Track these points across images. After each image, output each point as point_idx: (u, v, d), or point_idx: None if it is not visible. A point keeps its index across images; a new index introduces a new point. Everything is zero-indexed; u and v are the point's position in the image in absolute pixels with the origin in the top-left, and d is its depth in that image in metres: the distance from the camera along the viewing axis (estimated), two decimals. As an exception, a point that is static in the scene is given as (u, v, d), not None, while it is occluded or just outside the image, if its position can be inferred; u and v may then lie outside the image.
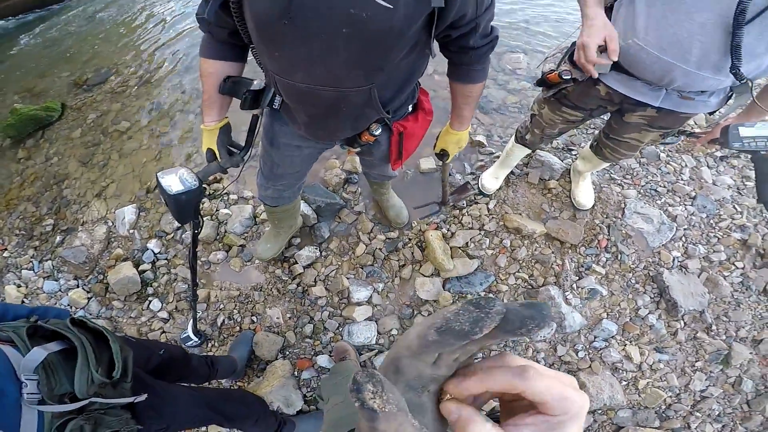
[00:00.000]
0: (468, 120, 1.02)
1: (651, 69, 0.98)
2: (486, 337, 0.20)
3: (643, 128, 1.18)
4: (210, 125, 0.94)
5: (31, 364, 0.66)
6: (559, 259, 1.69)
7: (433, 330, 0.20)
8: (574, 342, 1.57)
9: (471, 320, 0.19)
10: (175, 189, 0.88)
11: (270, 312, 1.58)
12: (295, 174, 1.18)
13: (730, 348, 1.56)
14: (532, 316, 0.19)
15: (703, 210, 1.86)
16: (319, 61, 0.73)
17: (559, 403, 0.21)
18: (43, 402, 0.66)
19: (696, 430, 1.48)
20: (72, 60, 2.81)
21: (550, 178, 1.87)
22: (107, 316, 1.65)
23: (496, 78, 2.35)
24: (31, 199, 1.99)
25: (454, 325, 0.19)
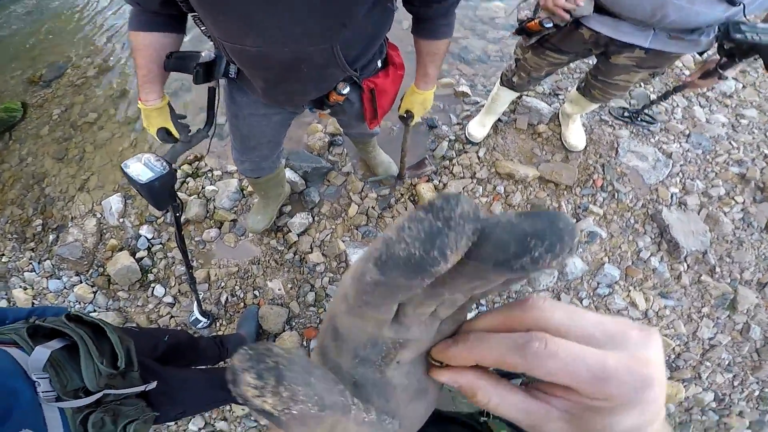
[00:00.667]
0: (433, 79, 0.98)
1: (642, 6, 0.92)
2: (460, 275, 0.13)
3: (632, 69, 1.14)
4: (154, 104, 0.87)
5: (38, 363, 0.67)
6: (555, 202, 1.68)
7: (371, 264, 0.12)
8: (578, 290, 1.56)
9: (422, 238, 0.11)
10: (146, 177, 0.83)
11: (271, 284, 1.59)
12: (269, 144, 1.12)
13: (736, 292, 1.54)
14: (538, 233, 0.11)
15: (698, 147, 1.82)
16: (270, 21, 0.66)
17: (593, 388, 0.14)
18: (59, 399, 0.68)
19: (707, 380, 1.47)
20: (21, 58, 2.65)
21: (539, 123, 1.82)
22: (115, 308, 1.67)
23: (474, 28, 2.26)
24: (15, 202, 1.95)
25: (397, 251, 0.11)
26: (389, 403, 0.18)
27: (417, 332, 0.16)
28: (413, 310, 0.15)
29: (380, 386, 0.17)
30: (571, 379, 0.14)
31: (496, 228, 0.12)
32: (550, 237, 0.11)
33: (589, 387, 0.14)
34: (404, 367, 0.17)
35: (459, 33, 2.22)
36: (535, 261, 0.12)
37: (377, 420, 0.17)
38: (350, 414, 0.14)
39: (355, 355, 0.16)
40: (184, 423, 1.54)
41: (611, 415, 0.15)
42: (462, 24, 2.26)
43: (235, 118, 1.02)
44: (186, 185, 1.74)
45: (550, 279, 1.55)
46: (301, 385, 0.12)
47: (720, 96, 2.03)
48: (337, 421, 0.14)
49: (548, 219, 0.12)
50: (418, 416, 0.20)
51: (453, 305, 0.16)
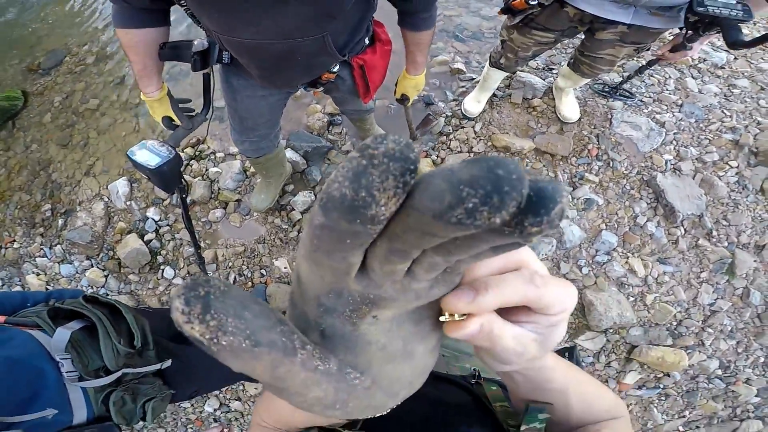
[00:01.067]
0: (422, 65, 1.05)
1: None
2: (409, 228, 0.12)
3: (617, 44, 1.18)
4: (155, 95, 0.91)
5: (60, 344, 0.70)
6: (552, 172, 1.71)
7: (317, 206, 0.12)
8: (577, 258, 1.59)
9: (350, 177, 0.11)
10: (154, 162, 0.86)
11: (277, 263, 1.65)
12: (266, 123, 1.16)
13: (734, 256, 1.56)
14: (472, 181, 0.10)
15: (691, 116, 1.84)
16: (265, 15, 0.69)
17: (560, 305, 0.19)
18: (82, 379, 0.70)
19: (710, 347, 1.49)
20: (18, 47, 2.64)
21: (533, 97, 1.84)
22: (127, 291, 1.73)
23: (468, 5, 2.25)
24: (22, 188, 2.00)
25: (333, 191, 0.11)
26: (359, 358, 0.17)
27: (391, 291, 0.15)
28: (380, 266, 0.14)
29: (350, 339, 0.17)
30: (553, 299, 0.19)
31: (436, 175, 0.11)
32: (484, 185, 0.10)
33: (558, 303, 0.19)
34: (383, 324, 0.17)
35: (453, 11, 2.22)
36: (470, 214, 0.10)
37: (337, 371, 0.16)
38: (296, 357, 0.14)
39: (319, 304, 0.16)
40: (199, 405, 1.61)
41: (560, 326, 0.21)
42: (456, 2, 2.25)
43: (233, 101, 1.05)
44: (190, 167, 1.78)
45: (549, 248, 1.60)
46: (231, 317, 0.12)
47: (712, 68, 2.04)
48: (278, 360, 0.13)
49: (486, 165, 0.10)
50: (400, 379, 0.19)
51: (433, 268, 0.15)
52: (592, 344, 1.56)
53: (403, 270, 0.14)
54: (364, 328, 0.17)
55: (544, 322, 0.20)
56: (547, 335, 0.21)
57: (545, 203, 0.11)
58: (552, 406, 0.30)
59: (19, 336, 0.69)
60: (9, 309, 0.78)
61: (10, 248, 1.90)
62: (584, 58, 1.35)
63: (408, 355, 0.19)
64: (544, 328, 0.20)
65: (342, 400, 0.17)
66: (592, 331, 1.56)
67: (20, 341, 0.68)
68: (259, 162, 1.37)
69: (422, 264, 0.14)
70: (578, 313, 1.60)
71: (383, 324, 0.17)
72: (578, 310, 1.60)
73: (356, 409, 0.18)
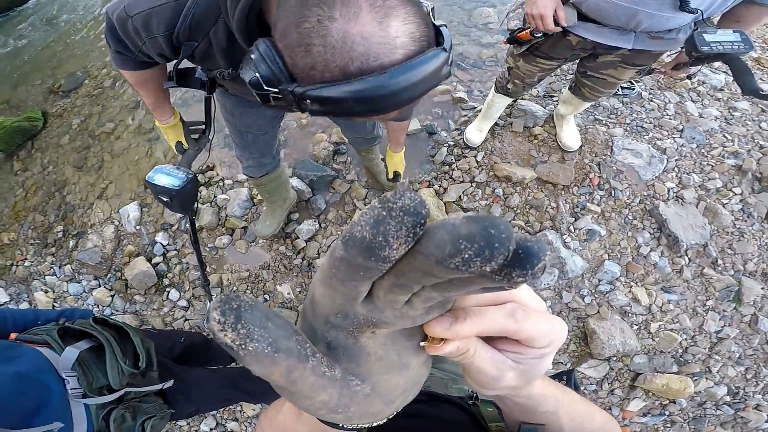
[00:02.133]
0: (403, 143, 1.24)
1: (616, 15, 1.00)
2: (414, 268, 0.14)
3: (619, 65, 1.21)
4: (169, 122, 0.96)
5: (68, 363, 0.73)
6: (554, 202, 1.72)
7: (340, 242, 0.15)
8: (579, 287, 1.58)
9: (371, 223, 0.13)
10: (178, 184, 0.89)
11: (280, 288, 1.67)
12: (265, 136, 1.19)
13: (740, 284, 1.54)
14: (469, 236, 0.12)
15: (692, 141, 1.85)
16: None
17: (546, 338, 0.20)
18: (86, 396, 0.73)
19: (718, 374, 1.47)
20: (41, 68, 2.76)
21: (534, 125, 1.87)
22: (132, 311, 1.76)
23: (469, 34, 2.31)
24: (37, 209, 2.06)
25: (355, 232, 0.14)
26: (360, 367, 0.19)
27: (390, 317, 0.17)
28: (384, 296, 0.16)
29: (352, 350, 0.19)
30: (536, 333, 0.20)
31: (441, 227, 0.13)
32: (479, 241, 0.12)
33: (543, 337, 0.20)
34: (379, 338, 0.19)
35: (455, 40, 2.28)
36: (466, 263, 0.12)
37: (342, 378, 0.18)
38: (307, 363, 0.16)
39: (327, 321, 0.18)
40: (195, 423, 1.61)
41: (545, 358, 0.21)
42: (457, 31, 2.31)
43: (231, 117, 1.10)
44: (199, 194, 1.83)
45: (551, 278, 1.59)
46: (256, 327, 0.14)
47: (711, 90, 2.04)
48: (292, 366, 0.16)
49: (482, 224, 0.12)
50: (396, 388, 0.21)
51: (429, 300, 0.17)
52: (595, 372, 1.54)
53: (403, 300, 0.17)
54: (363, 341, 0.19)
55: (528, 354, 0.21)
56: (530, 367, 0.21)
57: (530, 260, 0.13)
58: (544, 426, 0.31)
59: (29, 353, 0.72)
60: (21, 326, 0.82)
61: (21, 266, 1.95)
62: (586, 80, 1.36)
63: (403, 366, 0.21)
64: (527, 359, 0.21)
65: (344, 404, 0.19)
66: (595, 359, 1.54)
67: (30, 358, 0.71)
68: (262, 183, 1.40)
69: (420, 297, 0.17)
70: (580, 341, 1.58)
71: (380, 338, 0.19)
72: (580, 339, 1.59)
73: (356, 414, 0.20)
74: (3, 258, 1.99)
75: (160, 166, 0.94)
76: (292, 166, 1.81)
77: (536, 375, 0.22)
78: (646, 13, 0.96)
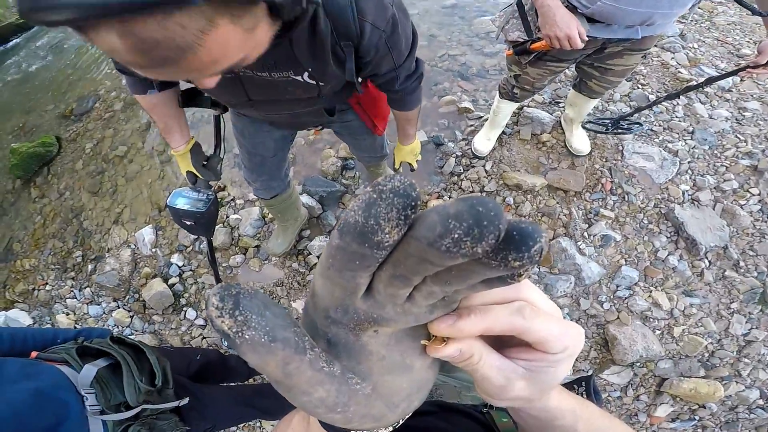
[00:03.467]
0: (413, 134, 1.11)
1: (630, 18, 1.01)
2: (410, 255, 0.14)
3: (626, 53, 1.22)
4: (180, 149, 0.96)
5: (87, 380, 0.75)
6: (566, 209, 1.71)
7: (335, 230, 0.15)
8: (597, 294, 1.56)
9: (363, 207, 0.13)
10: (201, 206, 0.91)
11: (295, 305, 1.68)
12: (273, 159, 1.20)
13: (765, 285, 1.51)
14: (458, 215, 0.12)
15: (704, 142, 1.82)
16: (274, 110, 0.89)
17: (559, 342, 0.19)
18: (104, 412, 0.75)
19: (749, 377, 1.44)
20: (52, 92, 2.84)
21: (542, 132, 1.86)
22: (151, 331, 1.79)
23: (471, 44, 2.32)
24: (56, 236, 2.11)
25: (349, 218, 0.14)
26: (360, 365, 0.19)
27: (392, 313, 0.17)
28: (384, 289, 0.16)
29: (353, 348, 0.18)
30: (547, 333, 0.18)
31: (433, 210, 0.13)
32: (467, 219, 0.12)
33: (556, 341, 0.18)
34: (382, 337, 0.19)
35: (457, 50, 2.29)
36: (456, 243, 0.12)
37: (341, 375, 0.18)
38: (305, 356, 0.16)
39: (327, 316, 0.18)
40: None
41: (559, 365, 0.20)
42: (459, 41, 2.32)
43: (241, 137, 1.12)
44: (214, 214, 1.86)
45: (568, 285, 1.57)
46: (254, 314, 0.14)
47: (719, 91, 2.02)
48: (289, 357, 0.15)
49: (469, 203, 0.12)
50: (399, 391, 0.20)
51: (431, 296, 0.16)
52: (619, 378, 1.51)
53: (404, 295, 0.16)
54: (365, 340, 0.18)
55: (541, 361, 0.19)
56: (542, 375, 0.20)
57: (526, 241, 0.13)
58: None
59: (48, 370, 0.74)
60: (41, 344, 0.85)
61: (42, 290, 2.00)
62: (594, 70, 1.33)
63: (406, 368, 0.20)
64: (539, 366, 0.20)
65: (343, 402, 0.18)
66: (617, 366, 1.51)
67: (49, 375, 0.73)
68: (273, 204, 1.41)
69: (421, 291, 0.16)
70: (601, 348, 1.56)
71: (382, 338, 0.19)
72: (601, 345, 1.57)
73: (356, 415, 0.19)
74: (25, 283, 2.05)
75: (179, 189, 0.96)
76: (301, 183, 1.83)
77: (550, 386, 0.21)
78: (660, 14, 0.97)
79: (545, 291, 1.60)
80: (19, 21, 3.69)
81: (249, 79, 0.73)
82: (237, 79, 0.73)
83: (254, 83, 0.73)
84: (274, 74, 0.70)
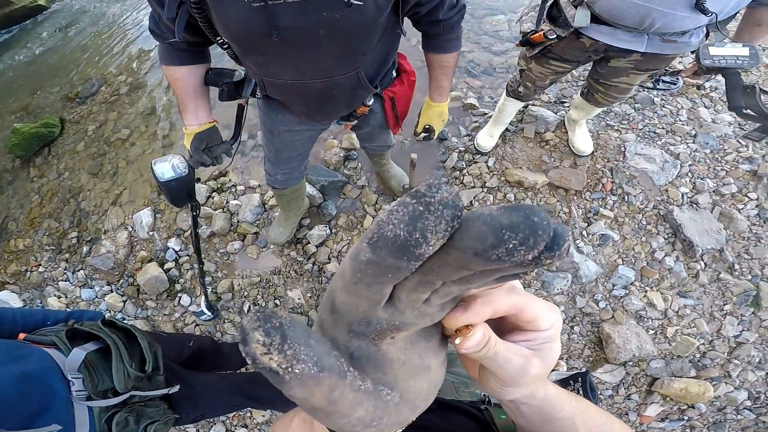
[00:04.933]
0: (447, 91, 1.04)
1: (629, 14, 1.00)
2: (446, 263, 0.14)
3: (631, 72, 1.21)
4: (190, 128, 0.95)
5: (74, 364, 0.73)
6: (566, 207, 1.71)
7: (365, 244, 0.14)
8: (593, 292, 1.57)
9: (406, 220, 0.13)
10: (167, 176, 0.93)
11: (291, 294, 1.67)
12: (299, 156, 1.24)
13: (758, 288, 1.52)
14: (512, 225, 0.12)
15: (706, 146, 1.83)
16: (304, 59, 0.78)
17: (547, 317, 0.20)
18: (90, 398, 0.73)
19: (738, 378, 1.46)
20: (58, 75, 2.83)
21: (545, 131, 1.87)
22: (143, 316, 1.77)
23: (480, 41, 2.33)
24: (52, 216, 2.09)
25: (386, 232, 0.13)
26: (387, 375, 0.18)
27: (411, 317, 0.17)
28: (406, 296, 0.16)
29: (376, 359, 0.18)
30: (538, 310, 0.20)
31: (478, 219, 0.13)
32: (523, 230, 0.12)
33: (545, 316, 0.20)
34: (399, 342, 0.19)
35: (465, 47, 2.30)
36: (510, 252, 0.12)
37: (374, 389, 0.17)
38: (347, 379, 0.15)
39: (350, 330, 0.17)
40: (205, 429, 1.60)
41: (554, 342, 0.22)
42: (468, 38, 2.33)
43: (270, 134, 1.12)
44: (211, 200, 1.84)
45: (565, 282, 1.58)
46: (302, 345, 0.13)
47: (724, 96, 2.03)
48: (334, 384, 0.15)
49: (523, 213, 0.12)
50: (420, 392, 0.20)
51: (447, 295, 0.17)
52: (611, 377, 1.51)
53: (424, 298, 0.16)
54: (384, 348, 0.18)
55: (537, 339, 0.21)
56: (544, 351, 0.21)
57: (558, 241, 0.13)
58: None
59: (35, 353, 0.72)
60: (30, 326, 0.82)
61: (35, 272, 1.98)
62: (598, 86, 1.36)
63: (425, 368, 0.20)
64: (538, 344, 0.21)
65: (378, 416, 0.18)
66: (610, 364, 1.52)
67: (36, 358, 0.71)
68: (284, 194, 1.41)
69: (439, 293, 0.16)
70: (595, 346, 1.56)
71: (399, 343, 0.19)
72: (595, 343, 1.56)
73: (388, 425, 0.19)
74: (18, 264, 2.02)
75: (174, 155, 0.96)
76: (304, 172, 1.82)
77: (552, 359, 0.22)
78: (659, 12, 0.95)
79: (542, 288, 1.60)
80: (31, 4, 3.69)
81: (279, 6, 0.67)
82: (264, 9, 0.67)
83: (284, 8, 0.67)
84: None
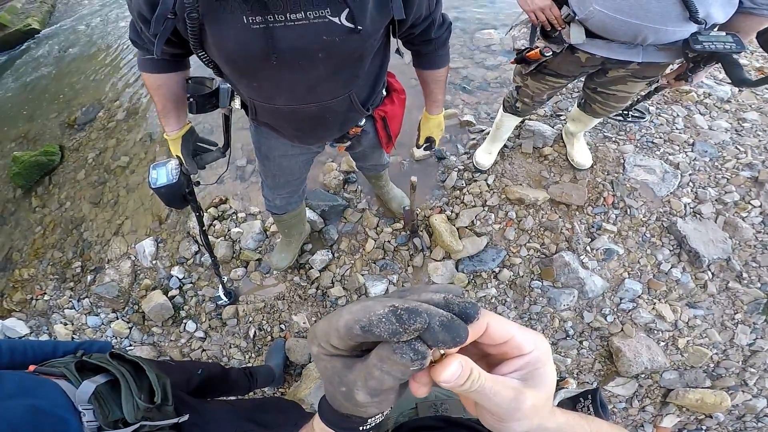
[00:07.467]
0: (442, 102, 1.09)
1: (622, 31, 1.01)
2: None
3: (629, 80, 1.21)
4: (172, 134, 0.96)
5: (85, 396, 0.74)
6: (568, 223, 1.71)
7: (358, 327, 0.21)
8: (600, 306, 1.57)
9: (390, 331, 0.20)
10: (160, 182, 0.97)
11: (296, 318, 1.67)
12: (296, 180, 1.25)
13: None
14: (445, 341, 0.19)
15: (704, 154, 1.83)
16: (299, 82, 0.78)
17: (529, 340, 0.21)
18: (101, 429, 0.74)
19: (755, 386, 1.45)
20: (56, 101, 2.85)
21: (543, 146, 1.86)
22: (150, 342, 1.78)
23: (473, 57, 2.34)
24: (55, 246, 2.10)
25: (375, 330, 0.20)
26: None
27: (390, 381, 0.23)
28: None
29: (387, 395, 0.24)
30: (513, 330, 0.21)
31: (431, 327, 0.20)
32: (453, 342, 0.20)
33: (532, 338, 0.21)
34: None
35: (459, 63, 2.30)
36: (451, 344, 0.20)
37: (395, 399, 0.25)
38: None
39: None
40: None
41: (545, 367, 0.22)
42: (461, 54, 2.33)
43: (266, 159, 1.13)
44: (213, 228, 1.85)
45: (571, 298, 1.57)
46: None
47: (718, 102, 2.03)
48: None
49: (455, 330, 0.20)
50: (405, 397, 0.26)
51: None
52: (624, 390, 1.51)
53: None
54: None
55: (526, 364, 0.21)
56: (536, 378, 0.21)
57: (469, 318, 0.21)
58: None
59: (47, 385, 0.73)
60: (40, 357, 0.84)
61: (40, 300, 1.99)
62: (597, 96, 1.35)
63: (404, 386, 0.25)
64: (528, 372, 0.21)
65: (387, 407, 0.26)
66: (622, 377, 1.51)
67: (47, 390, 0.72)
68: (284, 220, 1.41)
69: None
70: (606, 360, 1.56)
71: None
72: (605, 357, 1.56)
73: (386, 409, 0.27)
74: (23, 292, 2.03)
75: (172, 160, 0.99)
76: (304, 196, 1.83)
77: (549, 388, 0.22)
78: (651, 29, 0.96)
79: (548, 305, 1.60)
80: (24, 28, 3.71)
81: (279, 29, 0.68)
82: (264, 31, 0.67)
83: (284, 30, 0.68)
84: (309, 14, 0.67)
